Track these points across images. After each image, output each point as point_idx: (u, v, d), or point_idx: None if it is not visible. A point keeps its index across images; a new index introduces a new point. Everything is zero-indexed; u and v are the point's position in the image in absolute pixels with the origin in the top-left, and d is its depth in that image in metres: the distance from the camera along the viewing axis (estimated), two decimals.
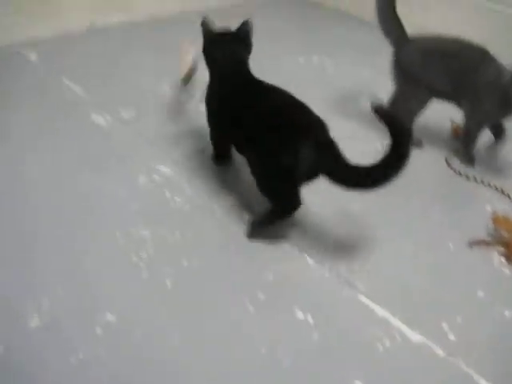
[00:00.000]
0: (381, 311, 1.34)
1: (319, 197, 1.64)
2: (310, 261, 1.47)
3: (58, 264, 1.40)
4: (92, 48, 2.53)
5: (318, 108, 1.61)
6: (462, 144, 1.93)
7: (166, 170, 1.74)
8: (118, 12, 2.80)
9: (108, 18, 2.76)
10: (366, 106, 2.01)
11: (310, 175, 1.43)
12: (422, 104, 1.91)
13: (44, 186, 1.65)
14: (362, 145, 1.80)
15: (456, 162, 1.91)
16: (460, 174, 1.86)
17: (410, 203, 1.71)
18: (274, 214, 1.53)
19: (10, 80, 2.22)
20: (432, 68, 1.84)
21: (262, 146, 1.44)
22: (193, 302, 1.34)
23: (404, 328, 1.31)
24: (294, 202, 1.49)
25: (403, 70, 1.91)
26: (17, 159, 1.75)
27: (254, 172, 1.51)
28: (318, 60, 2.61)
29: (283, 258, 1.48)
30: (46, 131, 1.91)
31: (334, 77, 2.47)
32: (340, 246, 1.54)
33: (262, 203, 1.53)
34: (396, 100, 1.94)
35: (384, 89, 2.23)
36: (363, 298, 1.38)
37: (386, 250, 1.54)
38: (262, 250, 1.49)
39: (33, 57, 2.40)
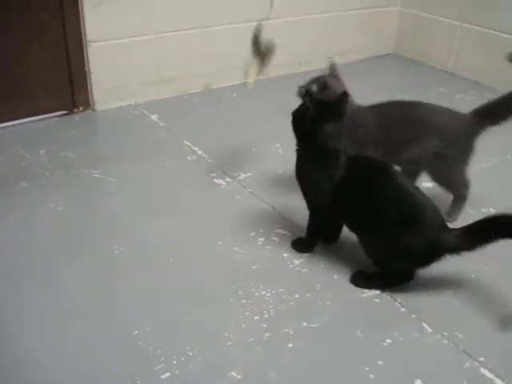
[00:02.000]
0: None
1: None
2: (427, 328, 1.48)
3: (184, 322, 1.48)
4: (208, 109, 2.69)
5: None
6: None
7: (283, 232, 1.82)
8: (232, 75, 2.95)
9: (222, 80, 2.93)
10: (474, 171, 2.03)
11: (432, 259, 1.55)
12: None
13: (167, 251, 1.74)
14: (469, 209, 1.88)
15: None
16: None
17: None
18: (383, 283, 1.61)
19: (136, 138, 2.40)
20: None
21: (390, 230, 1.52)
22: (312, 363, 1.38)
23: None
24: (407, 278, 1.60)
25: None
26: (144, 224, 1.86)
27: (374, 251, 1.58)
28: None
29: (401, 324, 1.49)
30: (170, 192, 2.04)
31: None
32: (458, 313, 1.54)
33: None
34: None
35: (490, 153, 2.25)
36: (485, 371, 1.36)
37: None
38: (380, 314, 1.52)
39: (154, 117, 2.58)
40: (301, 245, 1.74)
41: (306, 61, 3.17)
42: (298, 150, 1.66)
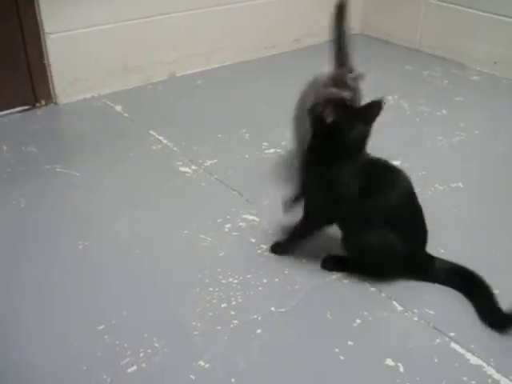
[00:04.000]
0: (474, 359, 1.32)
1: None
2: (397, 306, 1.47)
3: (151, 313, 1.45)
4: (172, 97, 2.65)
5: (397, 149, 1.59)
6: None
7: (250, 217, 1.79)
8: (196, 62, 2.91)
9: (186, 68, 2.89)
10: (443, 146, 2.04)
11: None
12: None
13: (133, 243, 1.70)
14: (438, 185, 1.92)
15: None
16: None
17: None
18: (353, 269, 1.58)
19: (100, 130, 2.36)
20: None
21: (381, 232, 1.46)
22: (282, 348, 1.36)
23: (498, 376, 1.28)
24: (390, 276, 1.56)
25: None
26: (109, 217, 1.82)
27: (355, 250, 1.53)
28: (395, 100, 2.61)
29: (371, 304, 1.48)
30: (135, 183, 2.00)
31: (412, 117, 2.47)
32: (427, 290, 1.53)
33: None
34: None
35: (459, 128, 2.24)
36: (456, 346, 1.35)
37: None
38: (350, 295, 1.50)
39: (118, 108, 2.53)
40: (281, 248, 1.65)
41: (273, 44, 3.13)
42: (311, 150, 1.49)
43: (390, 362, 1.31)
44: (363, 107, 1.43)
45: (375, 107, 1.40)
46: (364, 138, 1.44)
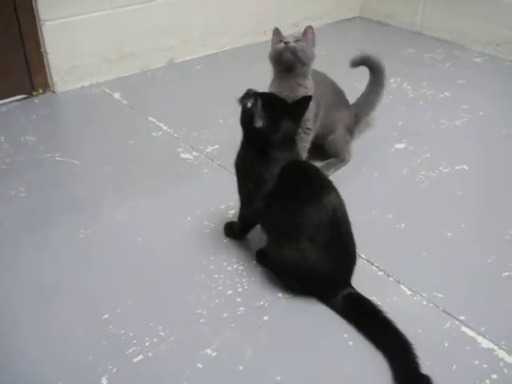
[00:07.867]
0: (486, 343, 1.30)
1: (410, 223, 1.64)
2: (406, 290, 1.44)
3: (156, 301, 1.43)
4: (172, 83, 2.61)
5: (400, 132, 1.56)
6: None
7: None
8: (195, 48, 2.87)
9: (185, 54, 2.85)
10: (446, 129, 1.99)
11: None
12: None
13: (135, 231, 1.68)
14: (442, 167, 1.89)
15: None
16: None
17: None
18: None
19: (99, 118, 2.32)
20: None
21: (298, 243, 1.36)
22: (289, 335, 1.33)
23: (510, 360, 1.25)
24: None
25: None
26: (111, 205, 1.79)
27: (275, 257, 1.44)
28: (397, 84, 2.58)
29: (379, 288, 1.45)
30: (136, 170, 1.97)
31: (415, 100, 2.43)
32: (436, 273, 1.50)
33: None
34: None
35: (462, 110, 2.21)
36: (466, 330, 1.33)
37: (487, 276, 1.50)
38: (358, 279, 1.46)
39: (117, 95, 2.49)
40: (231, 230, 1.63)
41: (271, 28, 3.08)
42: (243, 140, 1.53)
43: None
44: (293, 104, 1.45)
45: (303, 104, 1.46)
46: (290, 135, 1.46)
